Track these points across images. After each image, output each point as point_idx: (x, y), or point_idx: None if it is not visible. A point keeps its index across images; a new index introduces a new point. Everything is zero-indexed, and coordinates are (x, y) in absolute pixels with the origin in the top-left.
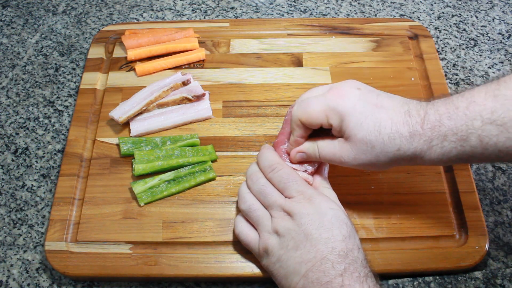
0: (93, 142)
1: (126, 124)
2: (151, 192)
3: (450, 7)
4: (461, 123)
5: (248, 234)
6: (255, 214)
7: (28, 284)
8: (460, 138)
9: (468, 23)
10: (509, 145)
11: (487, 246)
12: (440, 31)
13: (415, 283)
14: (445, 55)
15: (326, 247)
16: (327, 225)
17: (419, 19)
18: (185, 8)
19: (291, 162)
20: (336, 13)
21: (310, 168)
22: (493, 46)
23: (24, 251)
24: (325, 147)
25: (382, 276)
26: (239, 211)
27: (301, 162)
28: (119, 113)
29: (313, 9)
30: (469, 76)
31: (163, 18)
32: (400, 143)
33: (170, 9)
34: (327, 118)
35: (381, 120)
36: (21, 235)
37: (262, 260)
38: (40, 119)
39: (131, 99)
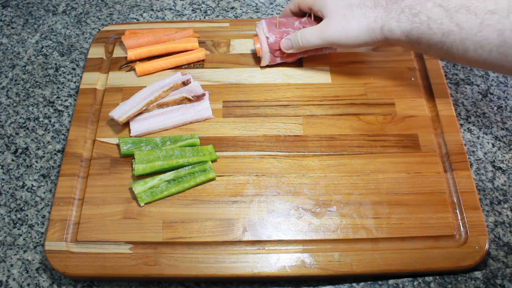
0: (93, 142)
1: (126, 124)
2: (151, 192)
3: None
4: (417, 2)
5: None
6: None
7: (28, 284)
8: (413, 14)
9: None
10: (450, 30)
11: (487, 246)
12: None
13: (415, 283)
14: None
15: None
16: None
17: None
18: (185, 8)
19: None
20: None
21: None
22: None
23: (24, 251)
24: (307, 31)
25: (382, 276)
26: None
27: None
28: (119, 113)
29: None
30: (469, 76)
31: (163, 18)
32: (365, 11)
33: (170, 9)
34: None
35: None
36: (21, 235)
37: None
38: (40, 119)
39: (131, 99)
